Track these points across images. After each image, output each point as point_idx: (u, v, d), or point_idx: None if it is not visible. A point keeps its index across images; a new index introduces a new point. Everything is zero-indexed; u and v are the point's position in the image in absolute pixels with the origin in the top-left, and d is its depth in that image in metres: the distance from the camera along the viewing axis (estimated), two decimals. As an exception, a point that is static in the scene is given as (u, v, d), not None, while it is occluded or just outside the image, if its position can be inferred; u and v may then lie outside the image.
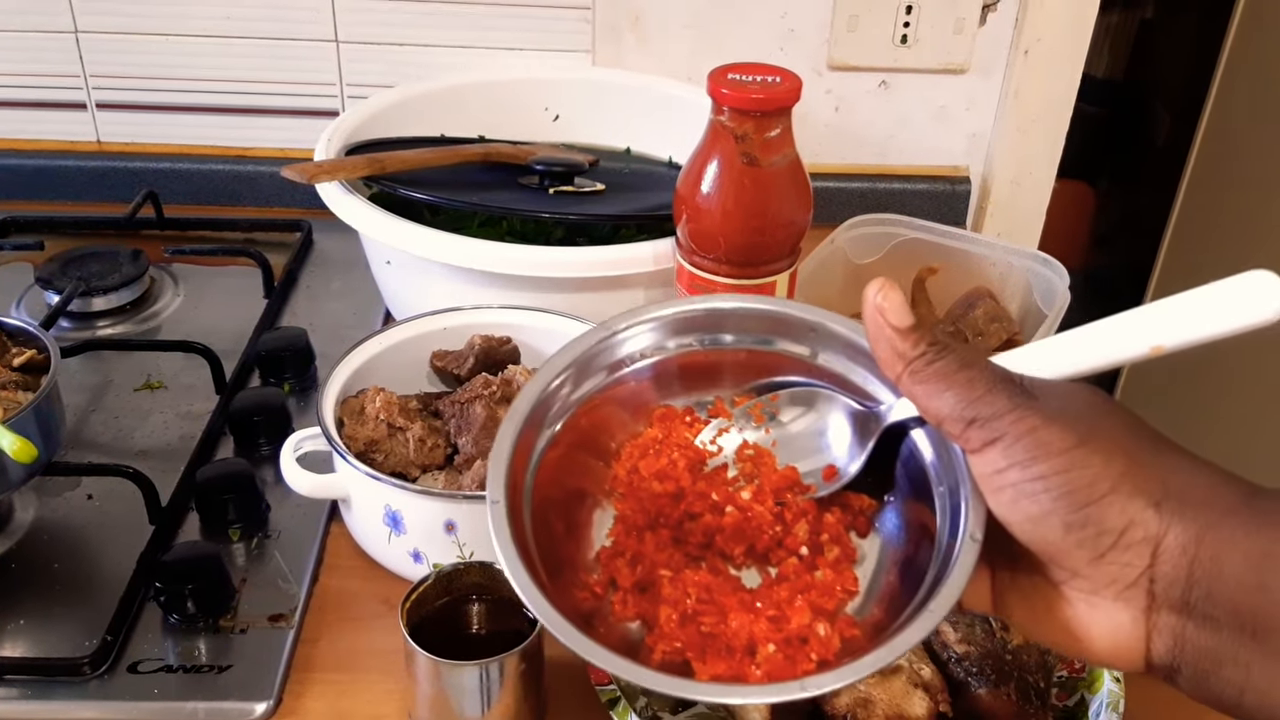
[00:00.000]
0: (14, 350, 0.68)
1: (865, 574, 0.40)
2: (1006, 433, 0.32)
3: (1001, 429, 0.33)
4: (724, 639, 0.38)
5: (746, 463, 0.42)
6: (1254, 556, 0.31)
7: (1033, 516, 0.32)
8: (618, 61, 0.98)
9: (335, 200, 0.77)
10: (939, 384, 0.34)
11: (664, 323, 0.43)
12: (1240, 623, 0.31)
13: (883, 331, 0.35)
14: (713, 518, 0.41)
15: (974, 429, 0.33)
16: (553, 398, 0.42)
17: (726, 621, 0.38)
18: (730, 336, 0.43)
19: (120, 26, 0.97)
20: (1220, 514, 0.32)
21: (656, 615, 0.39)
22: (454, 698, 0.53)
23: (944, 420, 0.34)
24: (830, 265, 0.82)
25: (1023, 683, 0.55)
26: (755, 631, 0.37)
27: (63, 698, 0.57)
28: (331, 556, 0.67)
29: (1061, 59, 0.98)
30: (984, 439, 0.33)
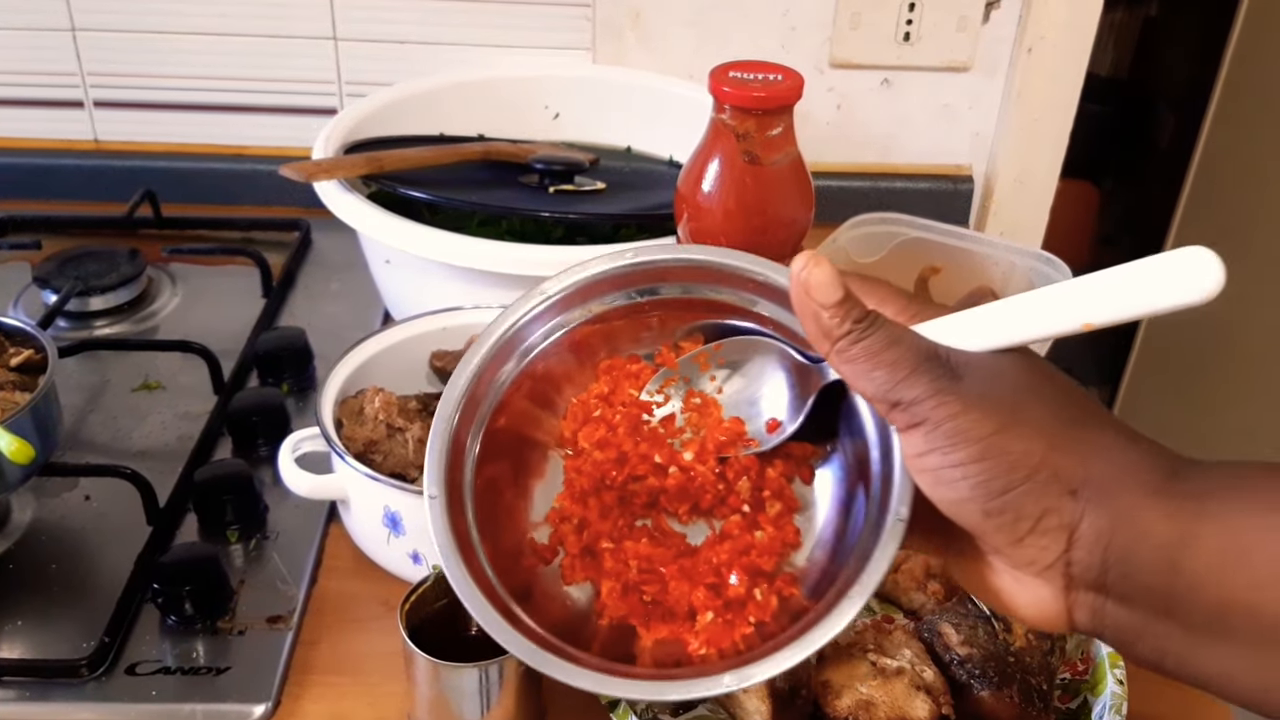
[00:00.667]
0: (11, 350, 0.68)
1: (810, 521, 0.41)
2: (928, 418, 0.33)
3: (923, 414, 0.33)
4: (666, 605, 0.39)
5: (693, 412, 0.42)
6: (1166, 540, 0.32)
7: (953, 500, 0.33)
8: (618, 59, 0.98)
9: (334, 199, 0.76)
10: (865, 363, 0.33)
11: (601, 279, 0.43)
12: (1153, 602, 0.32)
13: (808, 307, 0.35)
14: (656, 479, 0.41)
15: (898, 411, 0.33)
16: (493, 369, 0.43)
17: (667, 591, 0.39)
18: (672, 288, 0.43)
19: (118, 24, 0.96)
20: (1138, 497, 0.32)
21: (601, 584, 0.40)
22: (453, 700, 0.53)
23: (870, 400, 0.34)
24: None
25: (1025, 685, 0.54)
26: (694, 599, 0.39)
27: (60, 699, 0.57)
28: (330, 558, 0.66)
29: (1065, 57, 0.97)
30: (908, 421, 0.33)
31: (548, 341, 0.43)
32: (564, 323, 0.43)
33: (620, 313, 0.43)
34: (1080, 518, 0.32)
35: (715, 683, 0.36)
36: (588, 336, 0.44)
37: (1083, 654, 0.59)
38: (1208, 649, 0.32)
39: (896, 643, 0.57)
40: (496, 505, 0.41)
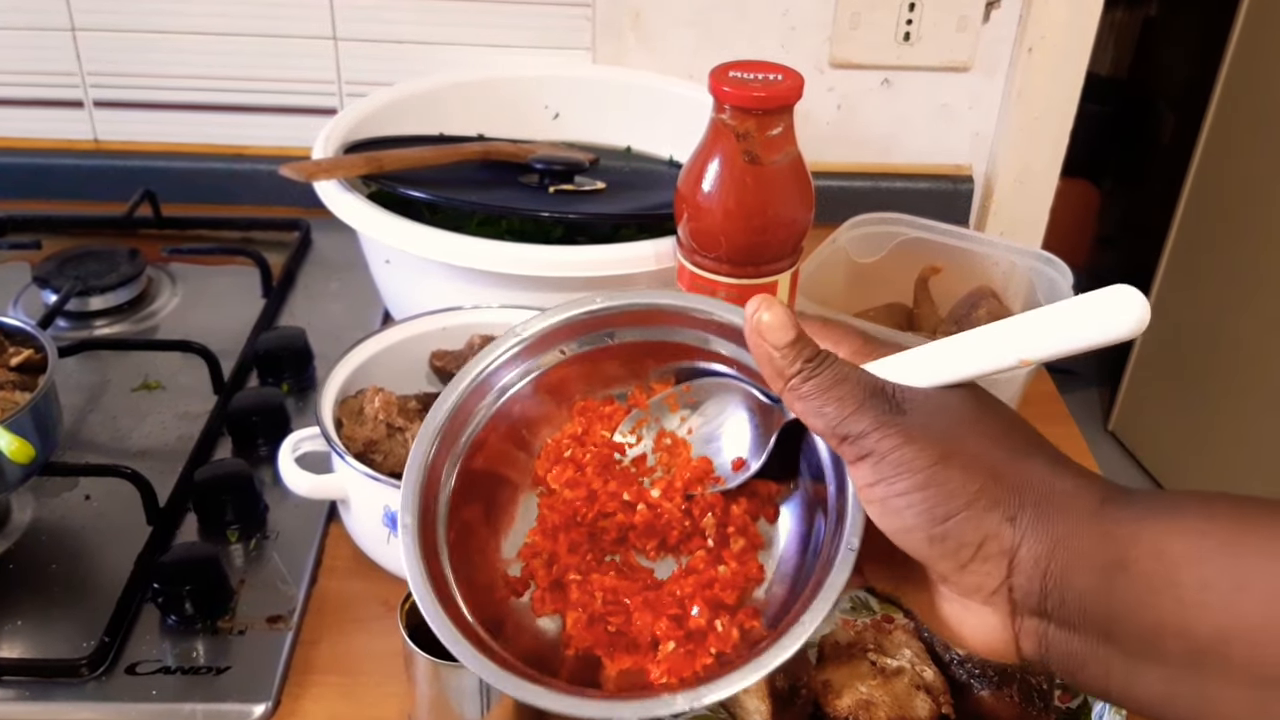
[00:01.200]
0: (11, 350, 0.68)
1: (772, 558, 0.42)
2: (874, 450, 0.34)
3: (869, 446, 0.34)
4: (629, 637, 0.40)
5: (663, 452, 0.44)
6: (1102, 563, 0.33)
7: (900, 529, 0.35)
8: (618, 59, 0.98)
9: (334, 199, 0.76)
10: (816, 400, 0.35)
11: (571, 323, 0.44)
12: (1093, 626, 0.33)
13: (762, 349, 0.36)
14: (625, 516, 0.43)
15: (847, 445, 0.35)
16: (470, 405, 0.44)
17: (631, 622, 0.40)
18: (637, 331, 0.45)
19: (117, 24, 0.96)
20: (1074, 523, 0.33)
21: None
22: (453, 700, 0.53)
23: (821, 434, 0.36)
24: (832, 264, 0.81)
25: (1025, 684, 0.54)
26: (657, 630, 0.40)
27: (61, 699, 0.57)
28: (330, 557, 0.66)
29: (1065, 57, 0.97)
30: (856, 454, 0.35)
31: (523, 383, 0.45)
32: (538, 365, 0.45)
33: (593, 355, 0.45)
34: (1019, 543, 0.34)
35: (669, 702, 0.37)
36: (563, 378, 0.45)
37: (1083, 654, 0.59)
38: (1147, 672, 0.33)
39: (897, 642, 0.57)
40: (470, 540, 0.43)
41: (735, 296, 0.67)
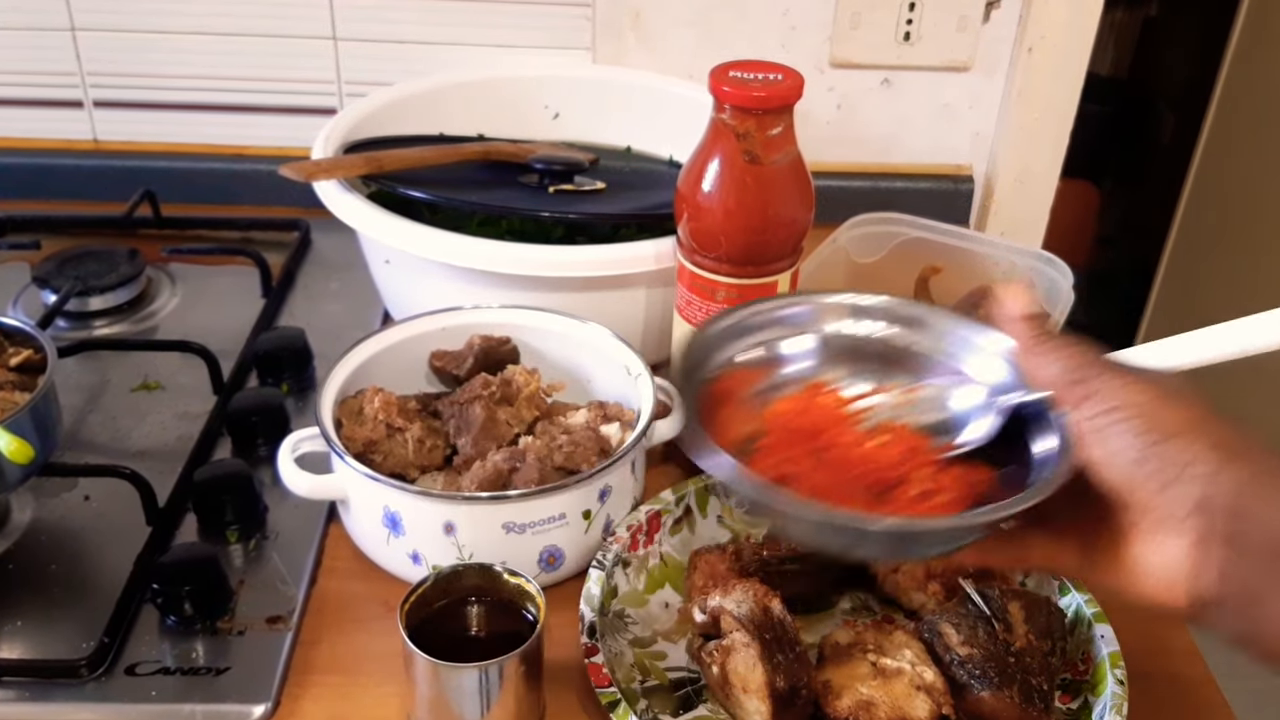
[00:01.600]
0: (11, 350, 0.68)
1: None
2: (1099, 389, 0.40)
3: (1095, 386, 0.41)
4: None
5: (886, 424, 0.48)
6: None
7: (1114, 451, 0.39)
8: (618, 59, 0.98)
9: (333, 199, 0.76)
10: (1052, 354, 0.43)
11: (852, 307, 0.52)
12: (1276, 561, 0.36)
13: (1012, 320, 0.45)
14: (842, 452, 0.47)
15: (1075, 386, 0.41)
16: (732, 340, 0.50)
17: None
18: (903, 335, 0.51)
19: (117, 24, 0.96)
20: (1272, 466, 0.38)
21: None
22: (453, 700, 0.53)
23: (1053, 384, 0.42)
24: (832, 264, 0.81)
25: (1026, 685, 0.54)
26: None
27: (60, 699, 0.57)
28: (330, 558, 0.66)
29: (1065, 57, 0.97)
30: (1082, 394, 0.41)
31: (793, 368, 0.50)
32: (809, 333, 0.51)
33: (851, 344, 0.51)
34: (1221, 469, 0.38)
35: (926, 520, 0.42)
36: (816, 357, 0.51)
37: (1083, 654, 0.59)
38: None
39: (897, 643, 0.57)
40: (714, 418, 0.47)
41: (735, 296, 0.67)
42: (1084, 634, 0.59)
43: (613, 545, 0.63)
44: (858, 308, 0.51)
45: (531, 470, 0.62)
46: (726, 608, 0.55)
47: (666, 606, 0.63)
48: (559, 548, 0.62)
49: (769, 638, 0.54)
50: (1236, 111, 1.72)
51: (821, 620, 0.63)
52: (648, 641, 0.61)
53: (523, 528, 0.61)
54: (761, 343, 0.51)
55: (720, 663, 0.55)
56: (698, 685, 0.58)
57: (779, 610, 0.56)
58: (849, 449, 0.47)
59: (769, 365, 0.50)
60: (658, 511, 0.66)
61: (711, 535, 0.67)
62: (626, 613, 0.62)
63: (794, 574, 0.62)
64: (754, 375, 0.50)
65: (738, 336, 0.50)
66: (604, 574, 0.61)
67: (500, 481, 0.63)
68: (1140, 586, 0.40)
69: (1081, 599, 0.60)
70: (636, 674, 0.58)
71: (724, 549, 0.62)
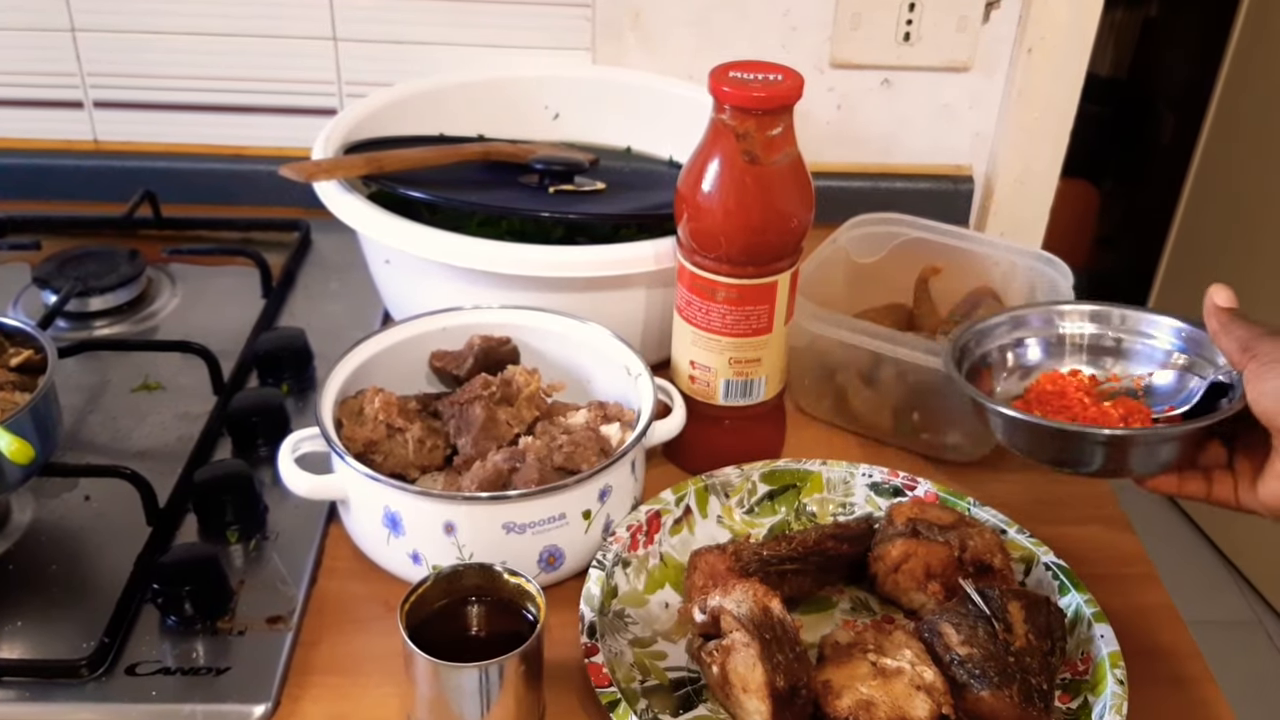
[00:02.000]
0: (11, 350, 0.68)
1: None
2: (1261, 349, 0.55)
3: (1259, 347, 0.55)
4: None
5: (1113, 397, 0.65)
6: None
7: (1267, 390, 0.54)
8: (618, 60, 0.98)
9: (333, 199, 0.76)
10: (1235, 330, 0.57)
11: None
12: None
13: (1210, 307, 0.59)
14: (1079, 410, 0.63)
15: (1246, 353, 0.56)
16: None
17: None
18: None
19: (117, 25, 0.96)
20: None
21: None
22: (453, 700, 0.53)
23: (1231, 350, 0.57)
24: (832, 264, 0.81)
25: (1025, 685, 0.54)
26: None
27: (60, 699, 0.57)
28: (330, 558, 0.66)
29: (1065, 57, 0.97)
30: (1250, 356, 0.55)
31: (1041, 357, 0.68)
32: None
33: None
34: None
35: (1148, 430, 0.60)
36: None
37: (1083, 654, 0.59)
38: None
39: (897, 643, 0.57)
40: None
41: (735, 296, 0.67)
42: (1084, 634, 0.59)
43: (613, 545, 0.63)
44: (1082, 312, 0.69)
45: (531, 470, 0.63)
46: (726, 607, 0.55)
47: (666, 606, 0.63)
48: (559, 548, 0.62)
49: (769, 637, 0.54)
50: (1236, 111, 1.72)
51: (821, 620, 0.63)
52: (648, 641, 0.61)
53: (523, 528, 0.61)
54: (1016, 338, 0.68)
55: (720, 662, 0.55)
56: (698, 685, 0.58)
57: (779, 610, 0.56)
58: (1086, 408, 0.63)
59: (1020, 354, 0.68)
60: (658, 511, 0.66)
61: (711, 535, 0.67)
62: (626, 612, 0.62)
63: (794, 574, 0.62)
64: (1010, 361, 0.68)
65: (992, 333, 0.68)
66: (604, 574, 0.61)
67: (500, 481, 0.63)
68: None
69: (1081, 598, 0.61)
70: (636, 674, 0.58)
71: (724, 549, 0.62)
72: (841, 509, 0.69)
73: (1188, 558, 1.85)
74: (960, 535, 0.63)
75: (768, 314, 0.68)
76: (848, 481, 0.70)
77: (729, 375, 0.70)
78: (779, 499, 0.70)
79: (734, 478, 0.69)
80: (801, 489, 0.70)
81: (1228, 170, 1.75)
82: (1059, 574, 0.62)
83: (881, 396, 0.76)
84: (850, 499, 0.70)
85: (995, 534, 0.64)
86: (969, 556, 0.62)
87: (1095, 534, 0.70)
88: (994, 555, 0.62)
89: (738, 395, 0.71)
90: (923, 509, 0.65)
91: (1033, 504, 0.71)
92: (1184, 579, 1.77)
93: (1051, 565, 0.63)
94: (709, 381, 0.70)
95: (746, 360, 0.69)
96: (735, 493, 0.69)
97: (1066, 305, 0.69)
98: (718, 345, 0.69)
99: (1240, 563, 1.82)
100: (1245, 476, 0.57)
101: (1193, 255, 1.85)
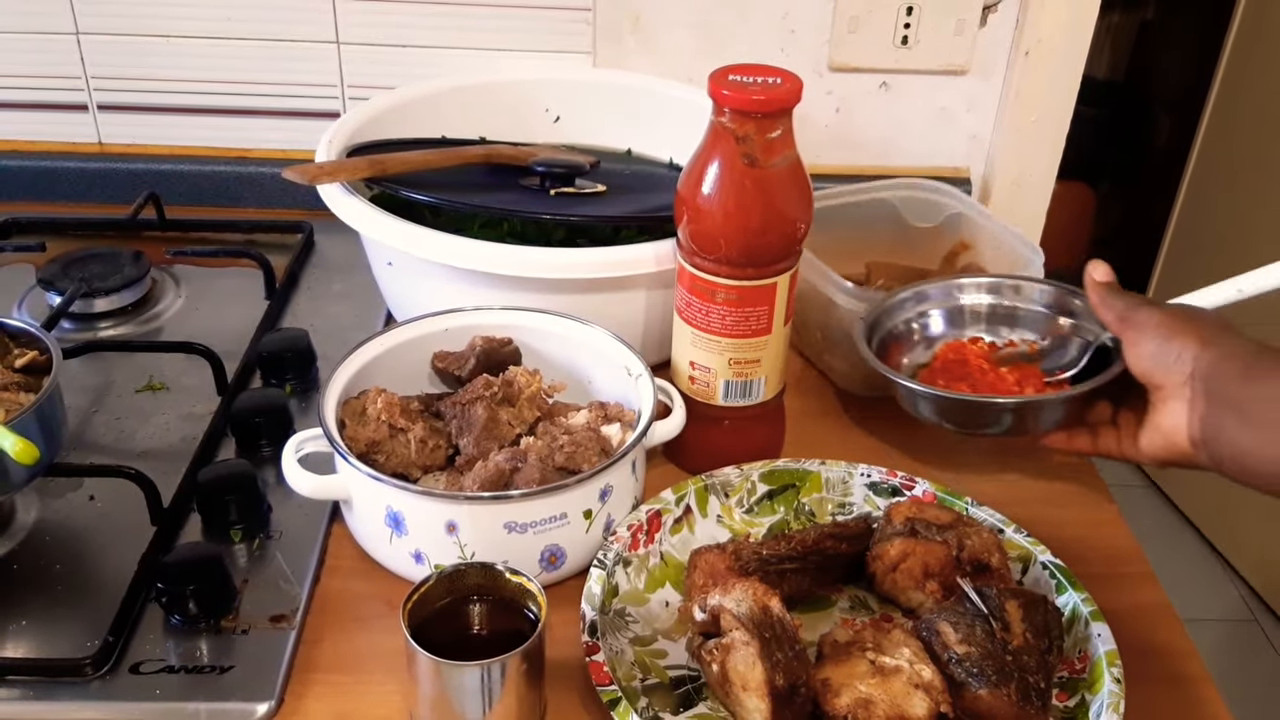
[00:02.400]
0: (16, 351, 0.68)
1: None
2: (1137, 317, 0.63)
3: (1136, 316, 0.63)
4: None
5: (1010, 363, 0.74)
6: (1245, 363, 0.58)
7: (1142, 352, 0.62)
8: (619, 63, 0.98)
9: (336, 202, 0.77)
10: (1114, 302, 0.65)
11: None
12: (1231, 404, 0.58)
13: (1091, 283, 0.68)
14: (980, 375, 0.72)
15: (1124, 322, 0.64)
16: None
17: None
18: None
19: (121, 28, 0.97)
20: (1236, 349, 0.59)
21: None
22: (455, 698, 0.53)
23: (1111, 322, 0.65)
24: (880, 219, 0.88)
25: (1023, 683, 0.55)
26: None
27: (65, 698, 0.57)
28: (333, 557, 0.67)
29: (1062, 60, 0.98)
30: (1125, 325, 0.64)
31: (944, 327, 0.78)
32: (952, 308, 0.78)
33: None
34: (1202, 350, 0.59)
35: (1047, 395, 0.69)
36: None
37: (1080, 652, 0.59)
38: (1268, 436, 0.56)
39: (895, 641, 0.57)
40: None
41: (734, 298, 0.67)
42: (1081, 632, 0.60)
43: (613, 544, 0.63)
44: (979, 284, 0.77)
45: (533, 470, 0.63)
46: (726, 606, 0.56)
47: (667, 605, 0.63)
48: (560, 547, 0.63)
49: (768, 636, 0.55)
50: (1232, 114, 1.73)
51: (820, 619, 0.64)
52: (648, 640, 0.61)
53: (524, 527, 0.61)
54: (920, 311, 0.77)
55: (720, 661, 0.55)
56: (698, 683, 0.59)
57: (778, 609, 0.56)
58: (985, 374, 0.72)
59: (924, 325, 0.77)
60: (658, 511, 0.66)
61: (711, 535, 0.67)
62: (627, 611, 0.62)
63: (793, 573, 0.62)
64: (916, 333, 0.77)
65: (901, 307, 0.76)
66: (605, 573, 0.61)
67: (502, 481, 0.63)
68: (1166, 443, 0.61)
69: (1078, 597, 0.61)
70: (637, 672, 0.59)
71: (724, 548, 0.62)
72: (840, 508, 0.70)
73: (1184, 556, 1.85)
74: (958, 534, 0.63)
75: (767, 315, 0.68)
76: (846, 481, 0.70)
77: (729, 376, 0.70)
78: (778, 498, 0.70)
79: (733, 477, 0.69)
80: (800, 489, 0.70)
81: (1224, 172, 1.75)
82: (1056, 573, 0.63)
83: (820, 325, 0.83)
84: (849, 498, 0.70)
85: (993, 533, 0.64)
86: (967, 556, 0.62)
87: (1092, 533, 0.71)
88: (991, 554, 0.62)
89: (737, 396, 0.71)
90: (921, 508, 0.65)
91: (1030, 503, 0.71)
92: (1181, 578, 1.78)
93: (1049, 564, 0.64)
94: (709, 382, 0.71)
95: (746, 361, 0.70)
96: (735, 492, 0.69)
97: (965, 279, 0.77)
98: (717, 346, 0.69)
99: (1236, 561, 1.82)
100: (1128, 430, 0.66)
101: (1189, 257, 1.85)
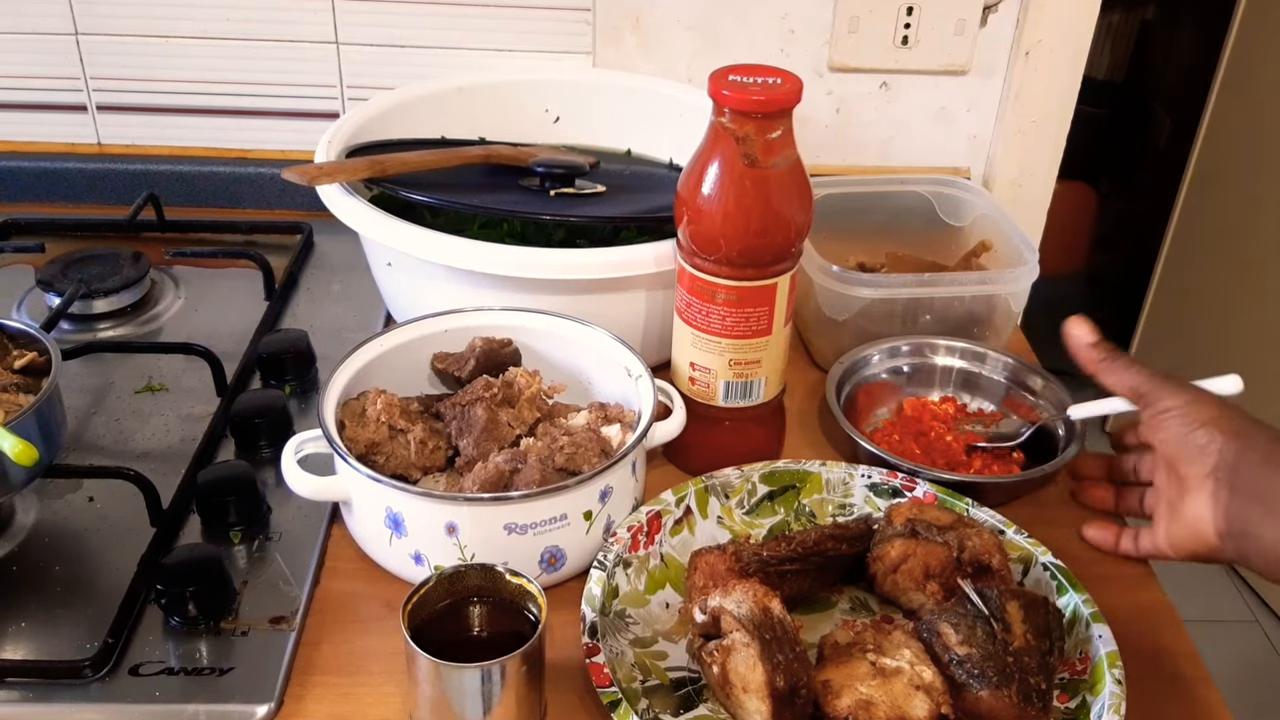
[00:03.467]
0: (15, 352, 0.68)
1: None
2: (1157, 397, 0.62)
3: (1154, 398, 0.63)
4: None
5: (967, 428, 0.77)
6: (1265, 452, 0.58)
7: (1166, 438, 0.62)
8: (618, 63, 0.98)
9: (336, 202, 0.77)
10: (1121, 372, 0.65)
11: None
12: (1256, 495, 0.57)
13: (1080, 346, 0.67)
14: (932, 440, 0.75)
15: (1139, 397, 0.64)
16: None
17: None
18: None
19: (121, 29, 0.97)
20: (1262, 442, 0.59)
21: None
22: (455, 700, 0.53)
23: (1123, 392, 0.65)
24: (913, 211, 0.90)
25: (1024, 685, 0.55)
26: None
27: (64, 700, 0.57)
28: (333, 559, 0.67)
29: (1062, 60, 0.98)
30: (1144, 402, 0.63)
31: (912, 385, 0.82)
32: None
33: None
34: (1227, 445, 0.59)
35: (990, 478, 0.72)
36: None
37: (1081, 654, 0.59)
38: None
39: (896, 643, 0.57)
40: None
41: (734, 298, 0.67)
42: (1082, 634, 0.60)
43: (614, 546, 0.63)
44: (951, 348, 0.81)
45: (533, 471, 0.63)
46: (726, 608, 0.56)
47: (667, 606, 0.63)
48: (560, 548, 0.63)
49: (768, 637, 0.55)
50: (1232, 114, 1.73)
51: (821, 620, 0.63)
52: (648, 641, 0.61)
53: (524, 528, 0.61)
54: (896, 365, 0.81)
55: (720, 662, 0.55)
56: (698, 685, 0.59)
57: (778, 610, 0.56)
58: (940, 438, 0.75)
59: (899, 380, 0.81)
60: (658, 512, 0.66)
61: (711, 536, 0.67)
62: (627, 613, 0.62)
63: (793, 574, 0.62)
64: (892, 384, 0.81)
65: (871, 360, 0.80)
66: (605, 574, 0.61)
67: (502, 482, 0.63)
68: (1191, 535, 0.61)
69: (1079, 598, 0.61)
70: (637, 673, 0.59)
71: (724, 549, 0.62)
72: (841, 510, 0.70)
73: (1186, 559, 1.85)
74: (959, 536, 0.63)
75: (767, 316, 0.68)
76: (847, 482, 0.70)
77: (729, 377, 0.70)
78: (778, 500, 0.70)
79: (734, 478, 0.69)
80: (801, 490, 0.70)
81: (1224, 172, 1.75)
82: (1057, 574, 0.63)
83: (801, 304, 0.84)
84: (849, 500, 0.70)
85: (993, 534, 0.64)
86: (967, 557, 0.62)
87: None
88: (992, 555, 0.62)
89: (737, 396, 0.71)
90: (921, 509, 0.65)
91: (1030, 505, 0.71)
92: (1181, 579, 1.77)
93: (1049, 565, 0.63)
94: (709, 383, 0.71)
95: (746, 362, 0.70)
96: (735, 493, 0.69)
97: (940, 340, 0.81)
98: (717, 347, 0.69)
99: (1238, 564, 1.82)
100: (1156, 524, 0.65)
101: (1189, 257, 1.85)
